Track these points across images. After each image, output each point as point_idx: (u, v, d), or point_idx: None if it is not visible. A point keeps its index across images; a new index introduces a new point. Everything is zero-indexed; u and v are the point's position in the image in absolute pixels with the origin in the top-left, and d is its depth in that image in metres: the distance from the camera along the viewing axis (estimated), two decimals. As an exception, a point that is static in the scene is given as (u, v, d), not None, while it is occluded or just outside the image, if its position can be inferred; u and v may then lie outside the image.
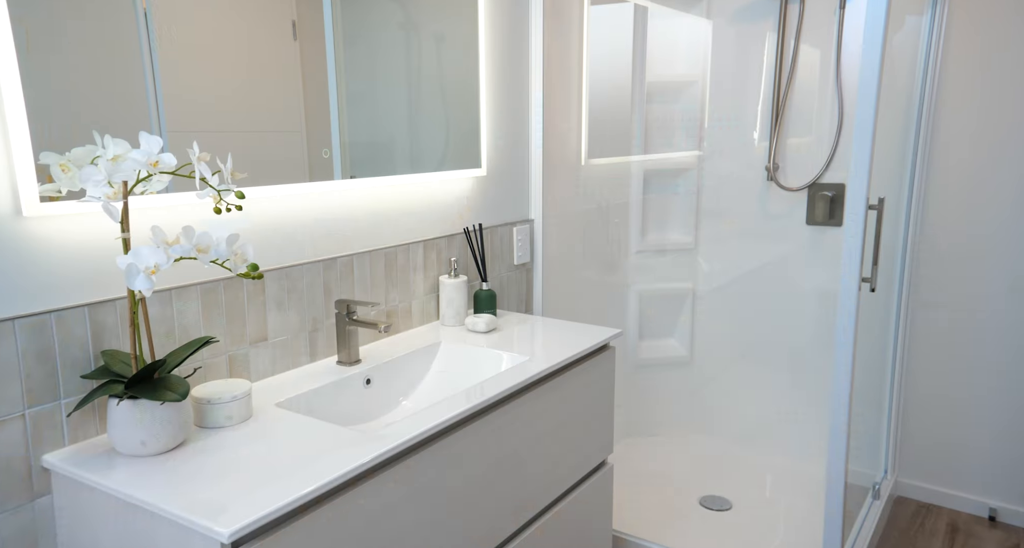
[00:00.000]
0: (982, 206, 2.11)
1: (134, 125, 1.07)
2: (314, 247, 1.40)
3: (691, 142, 2.51)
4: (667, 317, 2.63)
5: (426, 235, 1.67)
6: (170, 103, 1.11)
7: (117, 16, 1.03)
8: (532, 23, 1.90)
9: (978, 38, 2.03)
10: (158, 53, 1.09)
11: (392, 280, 1.59)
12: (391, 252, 1.58)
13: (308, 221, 1.39)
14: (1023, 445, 2.16)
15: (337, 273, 1.45)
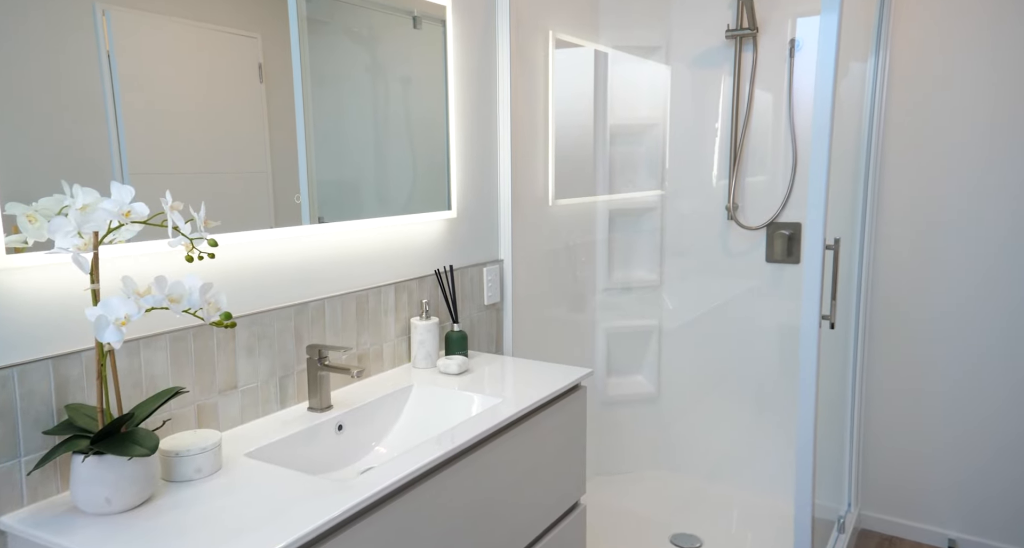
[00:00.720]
0: (930, 242, 2.21)
1: (95, 168, 1.05)
2: (285, 292, 1.39)
3: (654, 182, 2.58)
4: (634, 354, 2.66)
5: (397, 277, 1.68)
6: (132, 145, 1.10)
7: (80, 58, 1.02)
8: (499, 68, 1.95)
9: (919, 80, 2.16)
10: (121, 95, 1.08)
11: (363, 323, 1.58)
12: (362, 295, 1.57)
13: (278, 266, 1.38)
14: (979, 477, 2.23)
15: (308, 317, 1.44)
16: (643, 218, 2.60)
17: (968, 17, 2.06)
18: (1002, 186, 2.08)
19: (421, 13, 1.67)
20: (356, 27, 1.50)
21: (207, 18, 1.19)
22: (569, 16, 2.25)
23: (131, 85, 1.09)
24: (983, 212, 2.12)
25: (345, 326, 1.53)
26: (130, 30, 1.08)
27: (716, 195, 2.49)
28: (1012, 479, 2.18)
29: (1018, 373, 2.13)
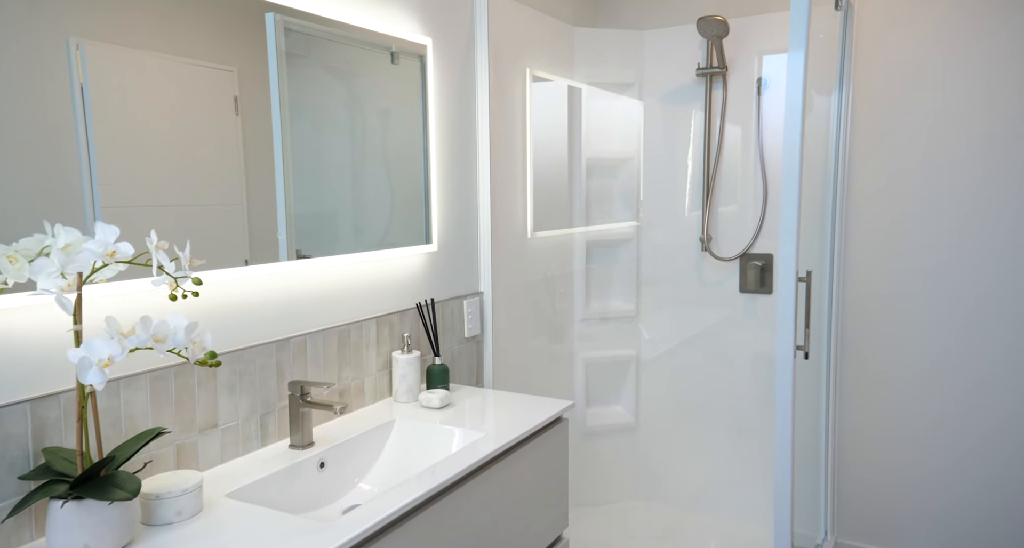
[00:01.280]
0: (898, 273, 2.28)
1: (67, 202, 1.04)
2: (266, 328, 1.39)
3: (629, 213, 2.63)
4: (612, 384, 2.68)
5: (379, 311, 1.68)
6: (105, 179, 1.09)
7: (52, 92, 1.02)
8: (479, 104, 1.99)
9: (882, 113, 2.25)
10: (94, 128, 1.08)
11: (345, 358, 1.58)
12: (344, 330, 1.57)
13: (260, 301, 1.37)
14: (954, 505, 2.27)
15: (290, 354, 1.43)
16: (619, 249, 2.64)
17: (925, 52, 2.16)
18: (964, 218, 2.17)
19: (399, 48, 1.70)
20: (333, 61, 1.52)
21: (183, 52, 1.20)
22: (546, 53, 2.31)
23: (104, 118, 1.09)
24: (947, 243, 2.20)
25: (327, 361, 1.53)
26: (104, 64, 1.09)
27: (690, 226, 2.55)
28: (987, 508, 2.23)
29: (990, 400, 2.19)
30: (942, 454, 2.27)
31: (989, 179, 2.12)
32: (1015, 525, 2.19)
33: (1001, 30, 2.06)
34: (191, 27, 1.21)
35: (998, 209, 2.12)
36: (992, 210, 2.13)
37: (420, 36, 1.74)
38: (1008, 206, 2.10)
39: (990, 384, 2.18)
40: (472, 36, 1.96)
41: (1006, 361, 2.16)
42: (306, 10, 1.43)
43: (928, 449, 2.29)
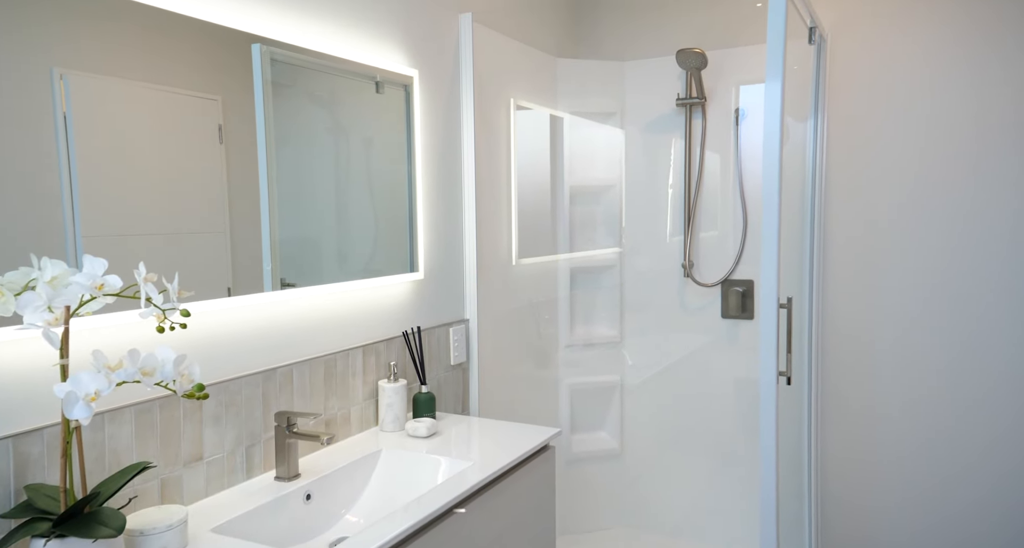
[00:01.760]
0: (875, 296, 2.32)
1: (47, 230, 1.03)
2: (252, 358, 1.38)
3: (612, 240, 2.66)
4: (597, 410, 2.68)
5: (365, 340, 1.68)
6: (86, 207, 1.09)
7: (35, 121, 1.02)
8: (464, 134, 2.02)
9: (855, 140, 2.31)
10: (76, 157, 1.08)
11: (331, 387, 1.57)
12: (330, 359, 1.57)
13: (245, 332, 1.37)
14: (935, 527, 2.30)
15: (276, 384, 1.42)
16: (603, 275, 2.67)
17: (895, 82, 2.24)
18: (939, 243, 2.23)
19: (384, 78, 1.72)
20: (318, 91, 1.53)
21: (168, 81, 1.21)
22: (529, 84, 2.35)
23: (87, 147, 1.09)
24: (922, 269, 2.25)
25: (313, 391, 1.52)
26: (88, 93, 1.09)
27: (672, 252, 2.59)
28: (970, 532, 2.25)
29: (972, 425, 2.23)
30: (925, 479, 2.30)
31: (962, 203, 2.18)
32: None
33: (965, 63, 2.14)
34: (176, 57, 1.22)
35: (974, 234, 2.18)
36: (968, 235, 2.19)
37: (407, 68, 1.77)
38: (983, 230, 2.17)
39: (971, 410, 2.22)
40: (457, 67, 2.00)
41: (986, 387, 2.20)
42: (296, 44, 1.45)
43: (911, 474, 2.32)
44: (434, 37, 1.89)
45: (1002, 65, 2.09)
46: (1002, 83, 2.10)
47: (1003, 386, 2.18)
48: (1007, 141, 2.11)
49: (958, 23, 2.14)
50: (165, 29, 1.19)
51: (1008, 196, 2.12)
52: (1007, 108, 2.10)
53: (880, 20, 2.24)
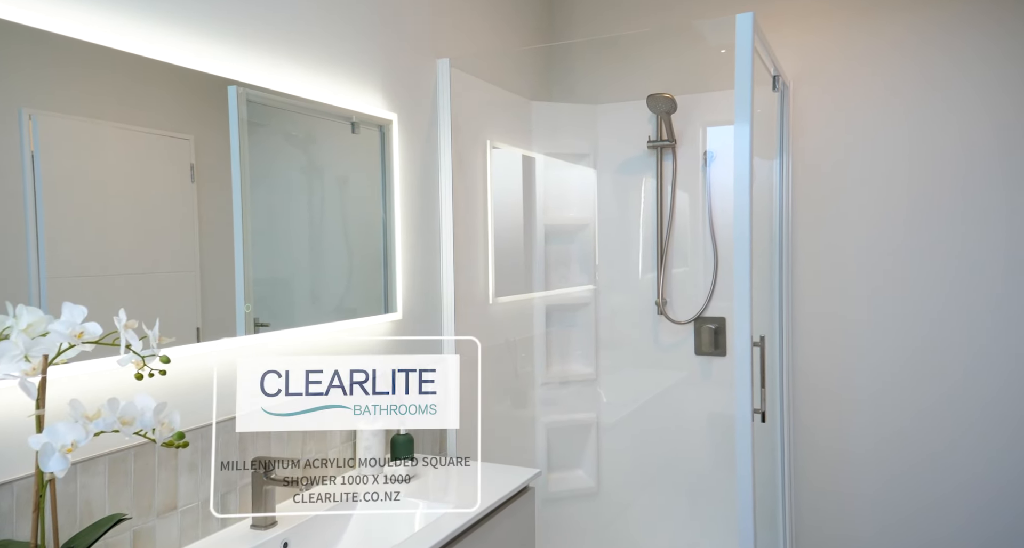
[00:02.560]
0: (843, 333, 2.39)
1: (10, 271, 1.02)
2: (229, 403, 1.36)
3: (586, 277, 2.70)
4: (573, 448, 2.68)
5: (343, 382, 1.66)
6: (52, 248, 1.08)
7: (2, 161, 1.01)
8: (442, 176, 2.05)
9: (819, 178, 2.40)
10: (43, 196, 1.07)
11: (309, 431, 1.55)
12: (308, 402, 1.55)
13: (222, 376, 1.35)
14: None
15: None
16: (578, 313, 2.69)
17: (855, 124, 2.34)
18: (902, 282, 2.30)
19: (360, 119, 1.74)
20: (294, 130, 1.54)
21: (139, 121, 1.21)
22: (505, 126, 2.40)
23: (54, 187, 1.08)
24: (888, 304, 2.33)
25: (291, 435, 1.50)
26: (57, 133, 1.09)
27: (645, 289, 2.63)
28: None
29: (945, 460, 2.28)
30: (898, 510, 2.34)
31: (921, 236, 2.27)
32: (967, 580, 2.25)
33: (917, 106, 2.25)
34: (147, 97, 1.21)
35: (936, 268, 2.26)
36: (931, 269, 2.27)
37: (386, 112, 1.80)
38: (945, 264, 2.25)
39: (942, 445, 2.28)
40: (435, 111, 2.04)
41: (954, 424, 2.26)
42: (276, 89, 1.47)
43: (884, 505, 2.35)
44: (413, 82, 1.93)
45: (948, 107, 2.21)
46: (949, 123, 2.21)
47: (971, 424, 2.24)
48: (958, 175, 2.21)
49: (908, 70, 2.26)
50: (137, 71, 1.19)
51: (963, 227, 2.22)
52: (955, 145, 2.21)
53: (838, 69, 2.35)
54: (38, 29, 1.05)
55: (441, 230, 2.05)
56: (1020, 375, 2.17)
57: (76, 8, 1.11)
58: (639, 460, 2.64)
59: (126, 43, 1.16)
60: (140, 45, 1.18)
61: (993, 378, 2.20)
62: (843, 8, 2.34)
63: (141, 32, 1.21)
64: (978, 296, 2.21)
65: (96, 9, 1.14)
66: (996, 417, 2.20)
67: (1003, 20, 2.15)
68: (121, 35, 1.17)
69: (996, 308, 2.19)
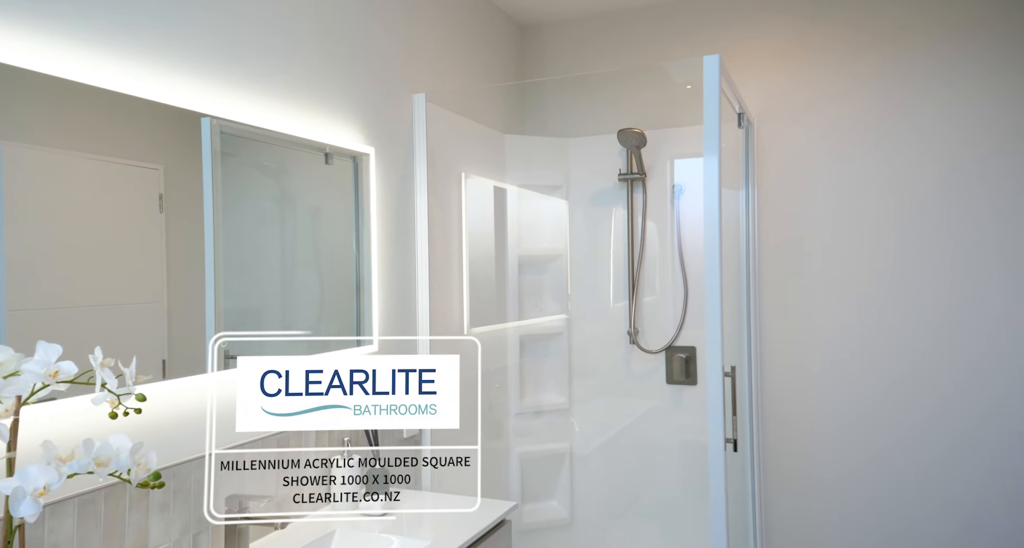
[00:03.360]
0: (808, 362, 2.45)
1: None
2: (201, 440, 1.34)
3: (559, 307, 2.72)
4: (547, 479, 2.67)
5: (318, 416, 1.65)
6: (12, 280, 1.06)
7: None
8: (418, 209, 2.06)
9: (783, 210, 2.48)
10: (4, 227, 1.05)
11: (284, 466, 1.52)
12: (283, 437, 1.53)
13: (194, 413, 1.33)
14: (872, 582, 2.36)
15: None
16: (551, 342, 2.71)
17: (816, 158, 2.43)
18: (867, 311, 2.38)
19: (333, 150, 1.74)
20: (266, 161, 1.54)
21: (107, 151, 1.20)
22: (480, 159, 2.44)
23: (16, 218, 1.06)
24: (853, 336, 2.40)
25: (264, 473, 1.47)
26: (21, 164, 1.08)
27: (617, 318, 2.66)
28: (902, 585, 2.33)
29: (913, 488, 2.33)
30: (864, 537, 2.38)
31: (882, 269, 2.36)
32: (933, 605, 2.29)
33: (875, 141, 2.36)
34: (116, 127, 1.20)
35: (897, 299, 2.34)
36: (891, 300, 2.35)
37: (364, 146, 1.82)
38: (904, 295, 2.33)
39: (909, 473, 2.33)
40: (411, 144, 2.06)
41: (920, 454, 2.32)
42: (255, 124, 1.48)
43: (851, 532, 2.39)
44: (390, 116, 1.96)
45: (903, 140, 2.32)
46: (905, 155, 2.32)
47: (938, 455, 2.30)
48: (915, 207, 2.31)
49: (864, 107, 2.37)
50: (107, 103, 1.18)
51: (925, 256, 2.30)
52: (911, 177, 2.31)
53: (799, 107, 2.45)
54: (5, 64, 1.04)
55: (417, 262, 2.06)
56: (987, 404, 2.25)
57: (47, 45, 1.11)
58: (612, 489, 2.65)
59: (98, 79, 1.15)
60: (112, 80, 1.18)
61: (960, 409, 2.27)
62: (802, 49, 2.45)
63: (112, 67, 1.21)
64: (945, 326, 2.29)
65: (69, 46, 1.14)
66: (963, 448, 2.27)
67: (952, 61, 2.27)
68: (94, 71, 1.17)
69: (962, 338, 2.27)
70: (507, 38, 2.73)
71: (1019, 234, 2.20)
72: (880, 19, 2.35)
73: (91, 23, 1.17)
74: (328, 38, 1.73)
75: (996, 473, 2.23)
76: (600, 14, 2.74)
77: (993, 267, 2.23)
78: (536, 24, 2.84)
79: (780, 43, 2.48)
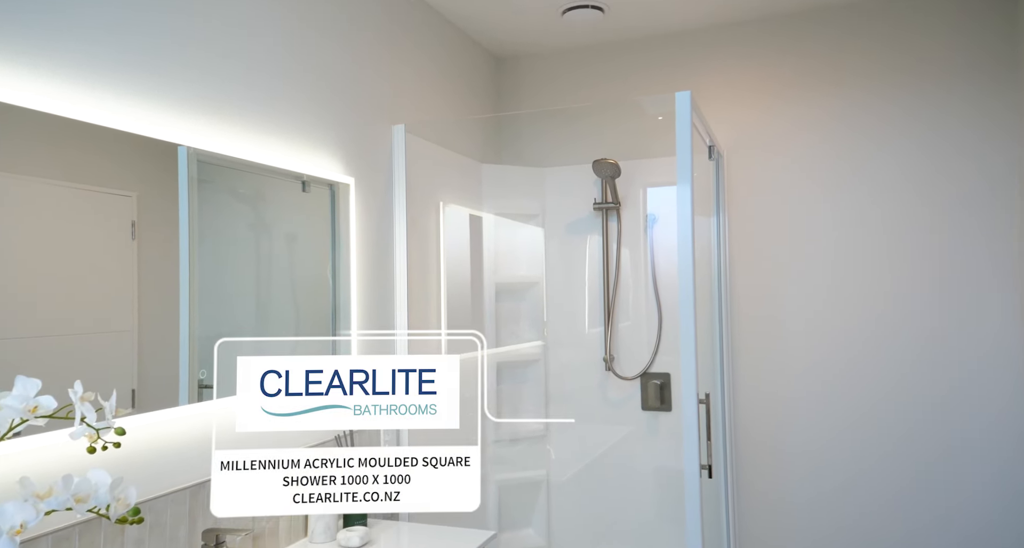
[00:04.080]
0: (780, 388, 2.50)
1: None
2: (179, 473, 1.32)
3: (535, 333, 2.75)
4: (524, 506, 2.67)
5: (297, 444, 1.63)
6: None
7: None
8: (396, 239, 2.08)
9: (753, 234, 2.55)
10: None
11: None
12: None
13: (169, 445, 1.32)
14: (845, 606, 2.39)
15: (204, 500, 1.36)
16: (528, 369, 2.73)
17: (783, 188, 2.52)
18: (834, 337, 2.45)
19: (310, 178, 1.75)
20: (242, 189, 1.54)
21: (78, 178, 1.19)
22: (458, 187, 2.47)
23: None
24: (824, 363, 2.46)
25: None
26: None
27: (593, 345, 2.69)
28: (873, 608, 2.36)
29: (879, 518, 2.38)
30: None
31: (846, 296, 2.43)
32: (904, 628, 2.33)
33: (838, 172, 2.45)
34: (88, 155, 1.20)
35: (862, 326, 2.42)
36: (857, 327, 2.42)
37: (345, 176, 1.84)
38: (872, 321, 2.40)
39: (879, 501, 2.38)
40: (391, 174, 2.09)
41: (891, 481, 2.37)
42: (234, 155, 1.49)
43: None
44: (369, 147, 1.99)
45: (864, 173, 2.41)
46: (867, 187, 2.41)
47: (908, 481, 2.35)
48: (880, 232, 2.39)
49: (828, 139, 2.46)
50: (80, 133, 1.18)
51: (884, 284, 2.38)
52: (875, 208, 2.40)
53: (768, 140, 2.54)
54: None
55: (396, 290, 2.07)
56: (957, 432, 2.30)
57: (24, 79, 1.12)
58: (589, 516, 2.65)
59: (74, 111, 1.16)
60: (88, 113, 1.18)
61: (929, 436, 2.32)
62: (769, 84, 2.55)
63: (91, 101, 1.22)
64: (915, 352, 2.35)
65: (48, 79, 1.15)
66: (932, 474, 2.31)
67: (907, 103, 2.38)
68: (70, 103, 1.18)
69: (933, 365, 2.33)
70: (484, 70, 2.79)
71: (990, 260, 2.28)
72: (842, 56, 2.45)
73: (67, 59, 1.18)
74: (310, 72, 1.76)
75: (965, 500, 2.28)
76: (574, 48, 2.82)
77: (962, 292, 2.31)
78: (513, 57, 2.91)
79: (748, 79, 2.57)
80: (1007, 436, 2.24)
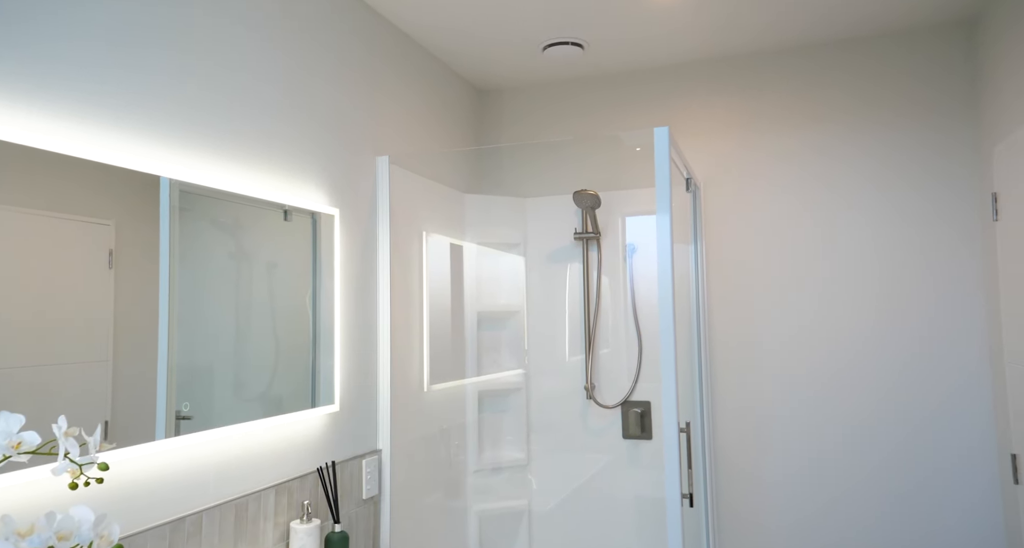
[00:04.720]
0: (758, 417, 2.53)
1: None
2: (159, 508, 1.31)
3: (516, 362, 2.76)
4: (505, 537, 2.65)
5: (279, 478, 1.62)
6: None
7: None
8: (380, 269, 2.10)
9: (730, 261, 2.60)
10: None
11: (241, 533, 1.50)
12: (242, 503, 1.50)
13: (146, 480, 1.31)
14: (825, 634, 2.40)
15: (184, 534, 1.35)
16: (509, 398, 2.73)
17: (759, 217, 2.58)
18: (812, 365, 2.50)
19: (292, 207, 1.76)
20: (223, 217, 1.54)
21: (57, 207, 1.19)
22: (440, 217, 2.50)
23: None
24: (801, 392, 2.50)
25: (222, 539, 1.44)
26: None
27: (574, 373, 2.71)
28: (853, 636, 2.37)
29: (859, 541, 2.41)
30: (814, 588, 2.43)
31: (824, 323, 2.48)
32: None
33: (810, 203, 2.52)
34: (65, 182, 1.19)
35: (837, 353, 2.47)
36: (833, 355, 2.47)
37: (329, 208, 1.86)
38: (849, 348, 2.46)
39: (857, 529, 2.41)
40: (374, 204, 2.11)
41: (868, 511, 2.41)
42: (223, 188, 1.51)
43: (802, 584, 2.44)
44: (353, 178, 2.01)
45: (838, 204, 2.49)
46: (841, 216, 2.48)
47: (885, 512, 2.39)
48: (851, 264, 2.46)
49: (802, 173, 2.54)
50: (58, 162, 1.18)
51: (865, 308, 2.44)
52: (849, 238, 2.47)
53: (743, 172, 2.61)
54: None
55: (379, 320, 2.08)
56: (938, 457, 2.36)
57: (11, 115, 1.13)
58: (570, 546, 2.64)
59: (54, 144, 1.16)
60: (68, 145, 1.19)
61: (909, 462, 2.37)
62: (746, 117, 2.63)
63: (71, 132, 1.24)
64: (894, 378, 2.41)
65: (26, 110, 1.16)
66: (912, 500, 2.36)
67: (879, 136, 2.47)
68: (49, 135, 1.19)
69: (913, 391, 2.39)
70: (467, 102, 2.84)
71: (962, 290, 2.36)
72: (817, 92, 2.55)
73: (49, 94, 1.20)
74: (296, 107, 1.78)
75: (941, 528, 2.32)
76: (555, 82, 2.89)
77: (935, 322, 2.38)
78: (496, 89, 2.97)
79: (724, 113, 2.66)
80: (982, 465, 2.30)
